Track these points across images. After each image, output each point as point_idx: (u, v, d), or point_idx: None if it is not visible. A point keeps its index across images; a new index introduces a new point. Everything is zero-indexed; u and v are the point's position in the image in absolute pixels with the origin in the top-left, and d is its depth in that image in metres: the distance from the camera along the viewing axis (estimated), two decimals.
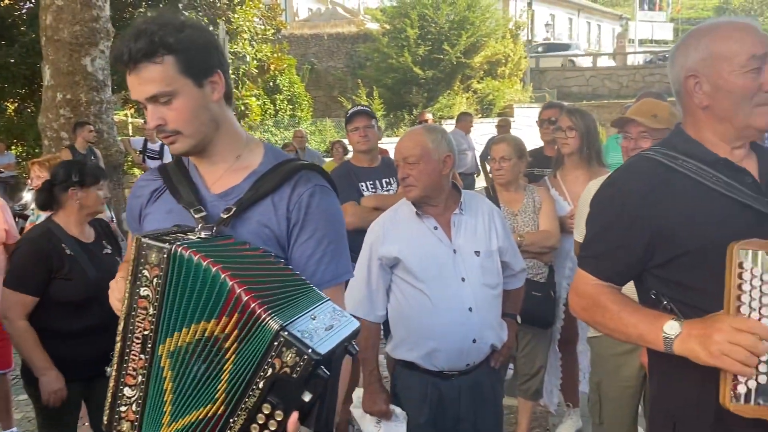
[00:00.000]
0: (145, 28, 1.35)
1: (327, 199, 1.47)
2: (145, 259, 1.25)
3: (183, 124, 1.40)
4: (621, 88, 25.84)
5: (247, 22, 13.74)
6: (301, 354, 1.10)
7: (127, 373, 1.28)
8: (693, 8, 55.82)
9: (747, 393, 1.33)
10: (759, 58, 1.45)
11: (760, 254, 1.34)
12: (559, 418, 3.89)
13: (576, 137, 3.36)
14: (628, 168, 1.64)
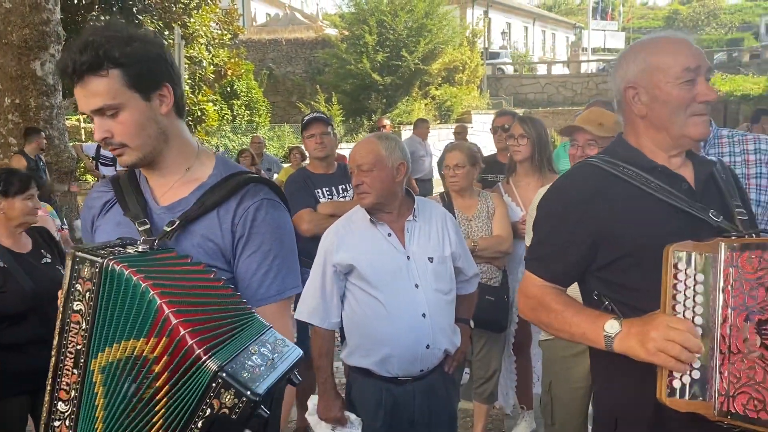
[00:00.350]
0: (92, 41, 1.34)
1: (274, 212, 1.46)
2: (78, 273, 1.24)
3: (129, 137, 1.40)
4: (575, 96, 26.44)
5: (203, 26, 13.56)
6: (240, 395, 1.10)
7: (60, 387, 1.27)
8: (644, 18, 57.43)
9: (682, 388, 1.39)
10: (692, 70, 1.53)
11: (693, 255, 1.40)
12: (515, 420, 3.96)
13: (528, 145, 3.44)
14: (572, 174, 1.71)
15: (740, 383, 1.36)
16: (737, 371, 1.36)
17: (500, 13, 34.38)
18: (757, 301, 1.36)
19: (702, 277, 1.40)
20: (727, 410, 1.37)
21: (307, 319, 2.41)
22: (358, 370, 2.40)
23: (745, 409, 1.35)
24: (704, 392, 1.39)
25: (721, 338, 1.38)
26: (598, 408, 1.72)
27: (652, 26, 53.18)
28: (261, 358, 1.18)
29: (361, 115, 18.67)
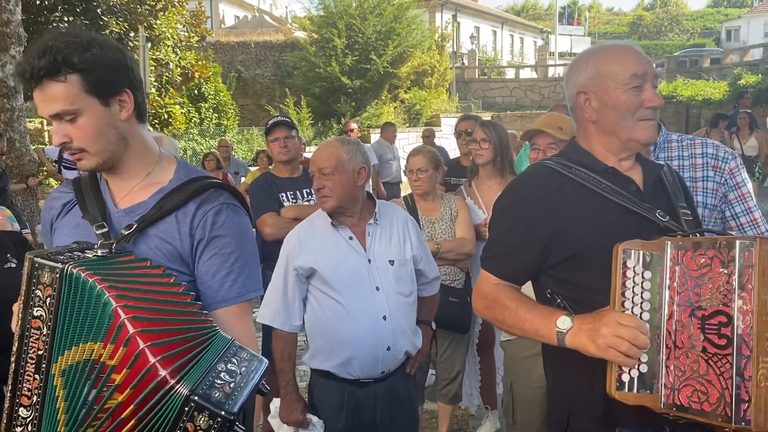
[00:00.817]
0: (51, 45, 1.34)
1: (234, 217, 1.47)
2: (37, 279, 1.24)
3: (88, 142, 1.40)
4: (543, 99, 26.79)
5: (170, 28, 13.41)
6: (215, 416, 1.12)
7: (22, 393, 1.27)
8: (609, 23, 58.48)
9: (630, 381, 1.44)
10: (639, 77, 1.59)
11: (641, 254, 1.46)
12: (479, 420, 4.00)
13: (489, 148, 3.49)
14: (527, 175, 1.76)
15: (685, 376, 1.41)
16: (682, 365, 1.41)
17: (469, 17, 34.65)
18: (700, 298, 1.41)
19: (649, 275, 1.45)
20: (672, 402, 1.42)
21: (269, 322, 2.42)
22: (321, 373, 2.41)
23: (689, 401, 1.40)
24: (651, 385, 1.44)
25: (667, 333, 1.44)
26: (551, 405, 1.76)
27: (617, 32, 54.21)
28: (229, 374, 1.19)
29: (330, 119, 18.65)
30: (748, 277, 1.34)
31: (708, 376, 1.38)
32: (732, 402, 1.34)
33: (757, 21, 42.20)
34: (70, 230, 1.49)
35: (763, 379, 1.33)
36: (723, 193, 2.07)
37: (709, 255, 1.40)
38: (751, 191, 2.09)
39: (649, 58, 1.65)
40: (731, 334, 1.35)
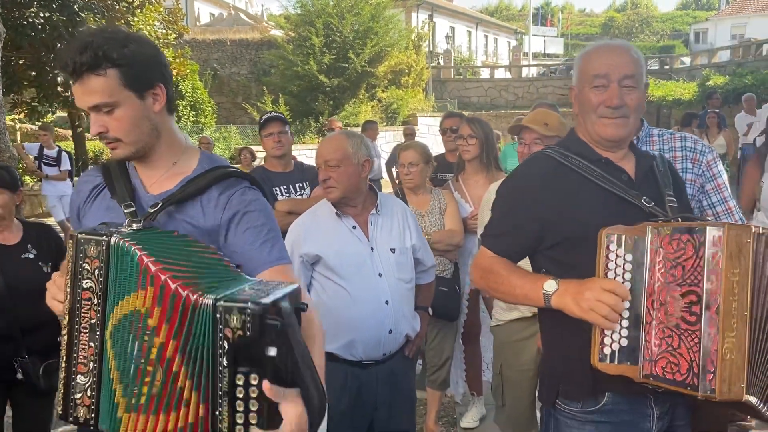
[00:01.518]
0: (91, 41, 1.42)
1: (258, 197, 1.57)
2: (84, 254, 1.32)
3: (124, 132, 1.49)
4: (517, 99, 27.14)
5: (147, 26, 13.33)
6: (244, 310, 1.13)
7: (78, 362, 1.34)
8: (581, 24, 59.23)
9: (611, 354, 1.59)
10: (602, 77, 1.72)
11: (624, 237, 1.60)
12: (465, 407, 4.15)
13: (476, 144, 3.64)
14: (528, 162, 1.91)
15: (661, 349, 1.55)
16: (659, 339, 1.55)
17: (444, 17, 34.91)
18: (676, 278, 1.54)
19: (631, 257, 1.59)
20: (649, 373, 1.56)
21: None
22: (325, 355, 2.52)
23: (664, 372, 1.54)
24: (630, 357, 1.58)
25: (646, 310, 1.58)
26: (543, 373, 1.91)
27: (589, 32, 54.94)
28: (254, 290, 1.22)
29: (308, 117, 18.70)
30: (717, 261, 1.49)
31: (680, 349, 1.52)
32: (699, 373, 1.48)
33: (724, 24, 43.17)
34: (101, 213, 1.57)
35: (728, 353, 1.47)
36: (701, 184, 2.21)
37: (683, 240, 1.54)
38: (726, 182, 2.25)
39: (630, 59, 1.73)
40: (700, 312, 1.49)
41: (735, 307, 1.49)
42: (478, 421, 3.98)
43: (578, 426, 1.74)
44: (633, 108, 1.73)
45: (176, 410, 1.23)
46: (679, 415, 1.79)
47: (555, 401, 1.78)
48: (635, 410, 1.73)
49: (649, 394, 1.70)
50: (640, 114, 1.80)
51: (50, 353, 2.82)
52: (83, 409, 1.34)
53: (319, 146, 2.56)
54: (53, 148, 8.78)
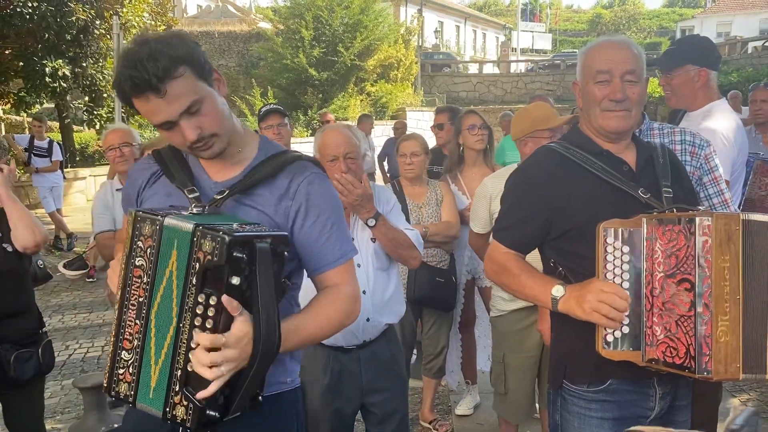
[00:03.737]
0: (154, 49, 1.37)
1: (324, 185, 1.58)
2: (139, 231, 1.35)
3: (217, 124, 1.46)
4: (505, 94, 27.30)
5: (136, 17, 13.24)
6: (215, 238, 1.23)
7: (124, 338, 1.38)
8: (569, 20, 59.50)
9: (614, 341, 1.68)
10: (605, 72, 1.80)
11: (620, 231, 1.68)
12: (460, 395, 4.23)
13: (487, 134, 3.75)
14: (534, 156, 1.97)
15: (660, 335, 1.63)
16: (658, 325, 1.63)
17: (433, 11, 34.97)
18: (670, 267, 1.61)
19: (628, 248, 1.66)
20: (652, 357, 1.65)
21: None
22: None
23: (664, 356, 1.62)
24: (633, 344, 1.67)
25: (646, 299, 1.65)
26: (552, 360, 1.99)
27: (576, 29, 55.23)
28: (240, 226, 1.31)
29: (297, 110, 18.69)
30: (707, 249, 1.56)
31: (677, 334, 1.60)
32: (695, 355, 1.57)
33: (710, 21, 43.58)
34: (161, 198, 1.56)
35: (722, 335, 1.56)
36: (698, 177, 2.28)
37: (675, 230, 1.60)
38: (723, 175, 2.32)
39: (632, 54, 1.80)
40: (694, 298, 1.57)
41: (727, 292, 1.56)
42: (473, 409, 4.06)
43: (584, 404, 1.83)
44: (635, 101, 1.80)
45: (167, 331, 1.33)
46: (680, 395, 1.88)
47: (562, 382, 1.87)
48: (639, 390, 1.81)
49: (653, 376, 1.78)
50: (641, 107, 1.87)
51: (25, 343, 2.82)
52: (124, 385, 1.38)
53: (329, 139, 2.54)
54: (44, 139, 8.73)
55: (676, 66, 2.73)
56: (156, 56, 1.36)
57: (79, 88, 12.73)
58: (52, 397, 4.51)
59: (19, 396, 2.89)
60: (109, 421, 3.97)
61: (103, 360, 5.30)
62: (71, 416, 4.27)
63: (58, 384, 4.79)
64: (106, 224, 3.47)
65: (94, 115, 12.89)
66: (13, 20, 10.97)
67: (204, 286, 1.26)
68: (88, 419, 3.94)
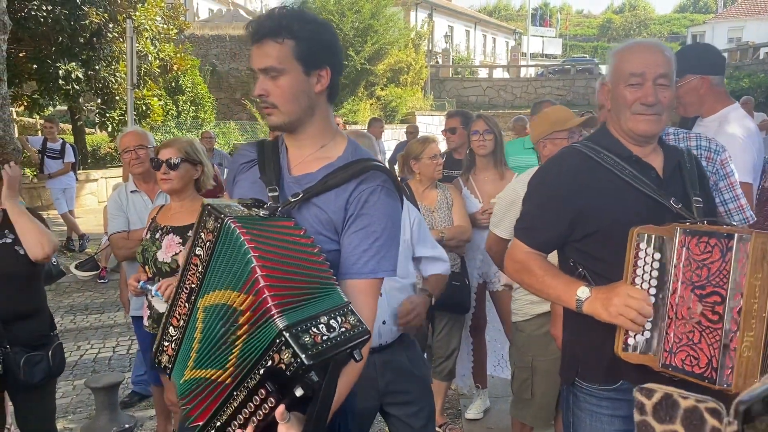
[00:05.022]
0: (279, 13, 1.55)
1: (386, 199, 1.57)
2: (204, 224, 1.42)
3: (281, 100, 1.55)
4: (515, 99, 27.26)
5: (149, 20, 13.35)
6: (296, 357, 1.22)
7: (173, 315, 1.48)
8: (579, 25, 59.38)
9: (635, 345, 1.69)
10: (638, 75, 1.79)
11: (653, 237, 1.68)
12: (470, 399, 4.22)
13: (492, 140, 3.72)
14: (559, 156, 1.96)
15: (681, 343, 1.63)
16: (680, 333, 1.63)
17: (443, 16, 34.99)
18: (701, 278, 1.60)
19: (659, 255, 1.67)
20: (669, 363, 1.65)
21: None
22: None
23: (683, 364, 1.63)
24: (652, 349, 1.67)
25: (670, 306, 1.65)
26: (564, 359, 1.99)
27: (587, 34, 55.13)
28: (327, 328, 1.28)
29: None
30: (742, 266, 1.56)
31: (700, 344, 1.60)
32: (718, 367, 1.57)
33: (721, 27, 43.40)
34: (248, 185, 1.67)
35: (746, 350, 1.56)
36: (714, 182, 2.27)
37: (711, 243, 1.60)
38: (738, 181, 2.31)
39: (665, 58, 1.80)
40: (723, 312, 1.56)
41: (755, 309, 1.57)
42: (483, 413, 4.06)
43: (596, 402, 1.85)
44: (666, 105, 1.80)
45: (217, 369, 1.36)
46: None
47: (574, 379, 1.88)
48: None
49: (664, 381, 1.77)
50: (671, 111, 1.86)
51: (35, 346, 2.84)
52: (166, 356, 1.50)
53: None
54: (57, 141, 8.80)
55: (677, 78, 2.75)
56: (272, 17, 1.54)
57: (91, 90, 12.84)
58: (63, 397, 4.54)
59: (31, 397, 2.91)
60: (120, 421, 4.00)
61: (115, 360, 5.34)
62: (83, 416, 4.29)
63: (70, 384, 4.82)
64: (120, 225, 3.50)
65: (107, 118, 12.98)
66: (27, 23, 11.09)
67: (268, 382, 1.26)
68: (99, 419, 3.97)
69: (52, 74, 11.59)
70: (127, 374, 4.79)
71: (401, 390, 2.59)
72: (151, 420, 4.11)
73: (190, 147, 3.02)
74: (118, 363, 5.28)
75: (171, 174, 2.92)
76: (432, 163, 3.61)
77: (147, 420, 4.17)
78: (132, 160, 3.58)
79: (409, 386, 2.62)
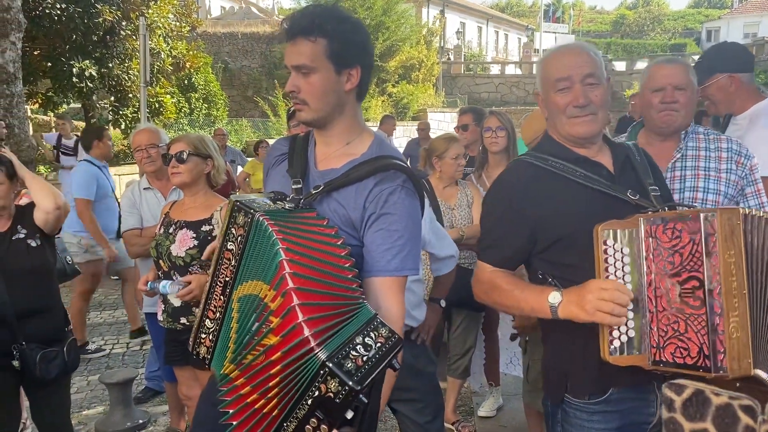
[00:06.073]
0: (314, 11, 1.57)
1: (406, 198, 1.57)
2: (234, 219, 1.47)
3: (312, 97, 1.58)
4: (527, 96, 27.09)
5: (161, 18, 13.40)
6: (344, 384, 1.24)
7: (209, 308, 1.53)
8: (592, 21, 59.00)
9: (620, 346, 1.62)
10: (564, 80, 1.77)
11: (618, 232, 1.64)
12: (482, 397, 4.21)
13: (504, 136, 3.69)
14: (509, 171, 1.92)
15: (668, 335, 1.58)
16: (664, 326, 1.58)
17: (455, 12, 34.88)
18: (674, 266, 1.56)
19: (627, 250, 1.62)
20: (659, 359, 1.59)
21: None
22: None
23: (673, 357, 1.57)
24: (639, 347, 1.62)
25: (648, 300, 1.61)
26: (549, 370, 1.89)
27: (600, 30, 54.78)
28: (365, 348, 1.30)
29: None
30: (713, 244, 1.51)
31: (687, 334, 1.55)
32: (710, 354, 1.51)
33: (736, 22, 42.96)
34: (279, 178, 1.72)
35: (734, 331, 1.50)
36: (741, 186, 2.26)
37: (678, 228, 1.56)
38: (763, 188, 2.30)
39: (588, 57, 1.78)
40: (703, 296, 1.52)
41: (735, 287, 1.51)
42: (495, 411, 4.03)
43: (587, 417, 1.77)
44: (599, 104, 1.77)
45: (260, 395, 1.35)
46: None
47: (564, 396, 1.81)
48: (640, 397, 1.77)
49: (653, 381, 1.74)
50: (607, 108, 1.83)
51: (50, 342, 2.86)
52: (204, 348, 1.56)
53: None
54: (71, 138, 8.86)
55: (706, 77, 2.74)
56: (306, 15, 1.56)
57: (105, 88, 12.92)
58: (78, 392, 4.57)
59: (46, 392, 2.94)
60: (134, 416, 4.02)
61: (129, 356, 5.37)
62: (97, 411, 4.32)
63: (85, 379, 4.85)
64: (133, 222, 3.51)
65: (120, 115, 13.06)
66: (42, 22, 11.17)
67: (317, 410, 1.28)
68: (113, 414, 4.00)
69: (66, 72, 11.68)
70: (140, 370, 4.81)
71: (407, 387, 2.58)
72: (165, 416, 4.13)
73: (199, 141, 3.05)
74: (131, 359, 5.32)
75: (180, 167, 2.96)
76: (454, 163, 3.58)
77: (160, 416, 4.19)
78: (144, 158, 3.59)
79: (414, 383, 2.61)
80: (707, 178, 2.27)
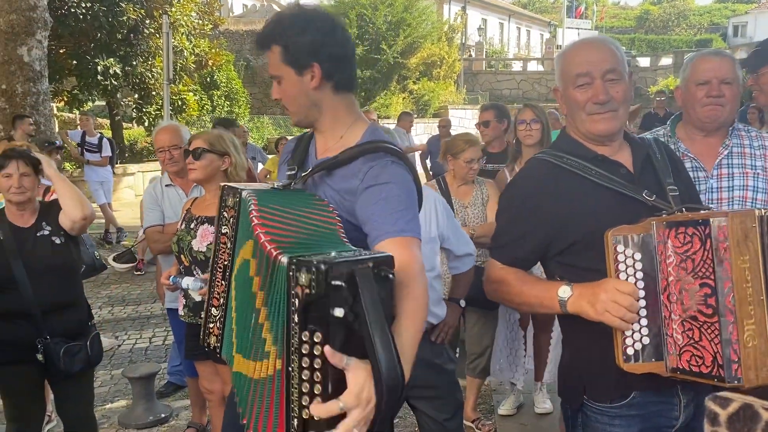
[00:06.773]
0: (270, 20, 1.65)
1: (399, 169, 1.57)
2: (225, 202, 1.52)
3: (288, 102, 1.68)
4: (549, 92, 26.86)
5: (184, 16, 13.53)
6: (310, 268, 1.12)
7: (213, 296, 1.56)
8: (616, 17, 58.30)
9: (635, 353, 1.58)
10: (584, 75, 1.71)
11: (630, 237, 1.58)
12: (503, 395, 4.18)
13: (539, 129, 3.64)
14: (525, 170, 1.88)
15: (683, 343, 1.53)
16: (680, 333, 1.54)
17: (476, 9, 34.68)
18: (687, 272, 1.51)
19: (640, 255, 1.57)
20: (676, 367, 1.55)
21: None
22: None
23: (689, 365, 1.53)
24: (655, 354, 1.58)
25: (664, 306, 1.55)
26: (566, 376, 1.85)
27: (624, 26, 54.15)
28: (337, 253, 1.19)
29: None
30: (724, 251, 1.45)
31: (701, 342, 1.50)
32: (723, 364, 1.46)
33: (764, 17, 42.13)
34: (285, 173, 1.79)
35: (750, 340, 1.45)
36: None
37: (689, 233, 1.51)
38: None
39: (610, 52, 1.72)
40: (716, 304, 1.47)
41: (750, 294, 1.46)
42: (516, 409, 4.00)
43: (608, 421, 1.73)
44: (620, 100, 1.72)
45: (261, 360, 1.30)
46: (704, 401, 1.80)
47: (583, 400, 1.77)
48: (663, 401, 1.73)
49: (676, 384, 1.70)
50: (628, 105, 1.78)
51: (74, 336, 2.91)
52: (213, 337, 1.57)
53: None
54: (95, 135, 8.98)
55: (762, 65, 2.66)
56: (265, 28, 1.63)
57: (129, 86, 13.09)
58: (101, 386, 4.63)
59: (70, 386, 2.99)
60: (156, 410, 4.07)
61: (151, 351, 5.44)
62: (120, 405, 4.38)
63: (108, 373, 4.92)
64: (155, 219, 3.54)
65: (143, 112, 13.22)
66: (67, 20, 11.34)
67: (307, 323, 1.15)
68: (136, 408, 4.05)
69: (90, 70, 11.85)
70: (163, 365, 4.87)
71: (426, 384, 2.58)
72: (186, 410, 4.18)
73: (216, 138, 3.07)
74: (154, 353, 5.38)
75: (195, 164, 3.00)
76: (467, 167, 3.54)
77: (182, 410, 4.24)
78: (166, 159, 3.63)
79: (433, 379, 2.61)
80: (756, 176, 2.21)
